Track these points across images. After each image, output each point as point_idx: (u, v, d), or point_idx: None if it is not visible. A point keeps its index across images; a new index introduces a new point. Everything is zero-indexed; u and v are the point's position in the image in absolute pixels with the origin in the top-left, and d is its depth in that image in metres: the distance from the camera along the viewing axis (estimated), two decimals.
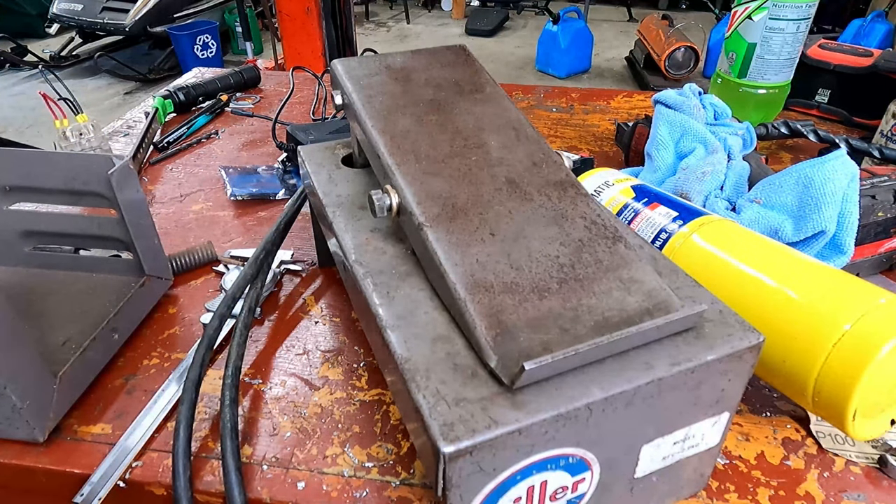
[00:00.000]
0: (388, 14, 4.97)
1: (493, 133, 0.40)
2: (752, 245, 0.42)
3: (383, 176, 0.38)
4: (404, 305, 0.33)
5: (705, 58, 3.11)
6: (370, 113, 0.41)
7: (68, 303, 0.50)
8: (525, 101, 0.99)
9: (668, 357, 0.29)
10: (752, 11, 0.75)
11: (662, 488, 0.35)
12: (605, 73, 3.60)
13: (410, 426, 0.31)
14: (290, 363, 0.47)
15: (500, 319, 0.29)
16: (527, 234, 0.33)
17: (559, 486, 0.29)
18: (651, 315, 0.30)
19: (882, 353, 0.32)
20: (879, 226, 0.52)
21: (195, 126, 0.88)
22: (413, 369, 0.29)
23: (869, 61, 0.83)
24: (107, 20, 3.32)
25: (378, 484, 0.37)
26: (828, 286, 0.37)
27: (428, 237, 0.33)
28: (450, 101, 0.42)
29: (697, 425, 0.32)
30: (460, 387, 0.28)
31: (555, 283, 0.31)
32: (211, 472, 0.38)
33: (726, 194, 0.56)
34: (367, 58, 0.46)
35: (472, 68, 0.46)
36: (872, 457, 0.39)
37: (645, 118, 0.71)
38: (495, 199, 0.35)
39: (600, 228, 0.34)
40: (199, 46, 3.36)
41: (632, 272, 0.32)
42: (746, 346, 0.30)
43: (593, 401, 0.27)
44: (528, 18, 4.72)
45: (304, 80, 1.06)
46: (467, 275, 0.31)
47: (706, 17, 3.78)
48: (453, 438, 0.25)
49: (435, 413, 0.26)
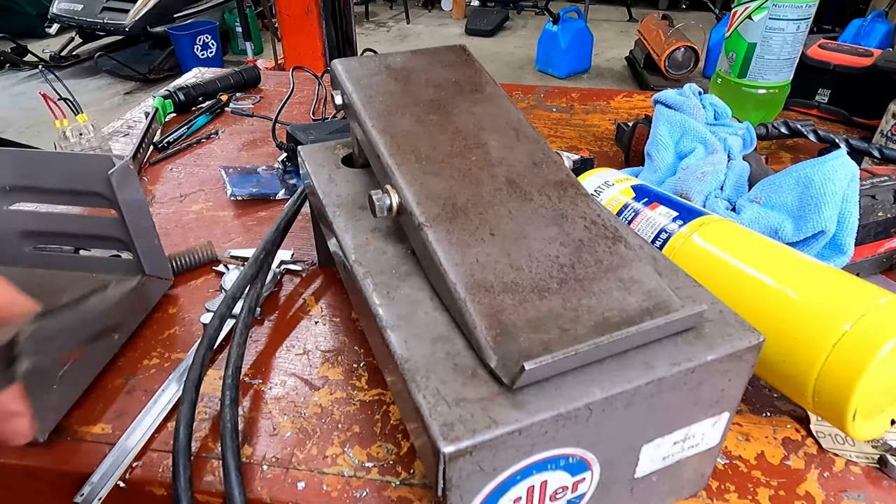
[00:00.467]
0: (388, 14, 4.97)
1: (493, 133, 0.40)
2: (752, 245, 0.42)
3: (383, 176, 0.38)
4: (404, 305, 0.33)
5: (705, 58, 3.11)
6: (370, 113, 0.41)
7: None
8: (525, 101, 0.98)
9: (668, 357, 0.29)
10: (752, 11, 0.75)
11: (662, 488, 0.35)
12: (605, 73, 3.60)
13: (410, 426, 0.31)
14: (290, 363, 0.47)
15: (500, 319, 0.29)
16: (527, 234, 0.33)
17: (559, 486, 0.29)
18: (651, 315, 0.30)
19: (882, 353, 0.32)
20: (879, 226, 0.52)
21: (195, 126, 0.88)
22: (413, 369, 0.29)
23: (869, 61, 0.83)
24: (107, 20, 3.32)
25: (378, 484, 0.37)
26: (828, 286, 0.37)
27: (428, 237, 0.33)
28: (450, 101, 0.42)
29: (697, 425, 0.32)
30: (460, 387, 0.28)
31: (555, 283, 0.31)
32: (211, 472, 0.38)
33: (726, 194, 0.56)
34: (367, 58, 0.46)
35: (472, 68, 0.46)
36: (872, 457, 0.39)
37: (645, 118, 0.71)
38: (495, 199, 0.35)
39: (600, 228, 0.34)
40: (199, 46, 3.36)
41: (632, 272, 0.32)
42: (746, 346, 0.30)
43: (593, 401, 0.27)
44: (528, 18, 4.72)
45: (304, 80, 1.06)
46: (467, 275, 0.31)
47: (706, 17, 3.78)
48: (453, 438, 0.25)
49: (435, 413, 0.26)
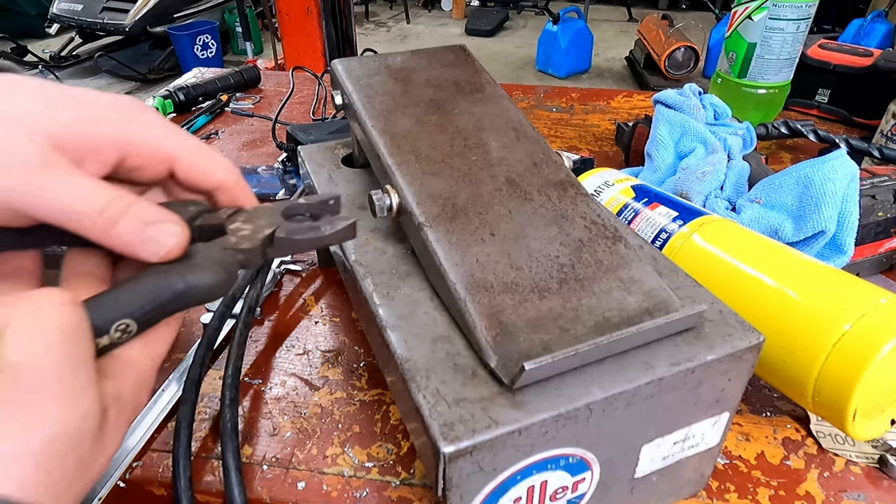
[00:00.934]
0: (388, 14, 4.97)
1: (493, 133, 0.40)
2: (752, 245, 0.42)
3: (383, 176, 0.38)
4: (404, 305, 0.33)
5: (705, 58, 3.11)
6: (370, 113, 0.41)
7: None
8: (525, 101, 0.99)
9: (668, 357, 0.29)
10: (752, 11, 0.75)
11: (662, 488, 0.35)
12: (605, 73, 3.60)
13: (410, 426, 0.31)
14: (290, 363, 0.47)
15: (500, 319, 0.29)
16: (527, 234, 0.33)
17: (559, 486, 0.29)
18: (651, 315, 0.30)
19: (882, 353, 0.32)
20: (879, 226, 0.52)
21: (195, 126, 0.88)
22: (413, 369, 0.29)
23: (869, 61, 0.83)
24: (107, 20, 3.32)
25: (378, 484, 0.37)
26: (828, 286, 0.37)
27: (428, 237, 0.33)
28: (450, 101, 0.42)
29: (697, 425, 0.32)
30: (460, 387, 0.28)
31: (555, 282, 0.31)
32: (211, 472, 0.38)
33: (726, 194, 0.56)
34: (367, 58, 0.46)
35: (472, 68, 0.46)
36: (872, 457, 0.39)
37: (645, 118, 0.71)
38: (495, 199, 0.35)
39: (600, 228, 0.34)
40: (199, 46, 3.36)
41: (632, 272, 0.32)
42: (746, 346, 0.30)
43: (593, 401, 0.27)
44: (528, 18, 4.72)
45: (304, 80, 1.06)
46: (467, 275, 0.31)
47: (706, 17, 3.78)
48: (453, 438, 0.25)
49: (435, 413, 0.26)
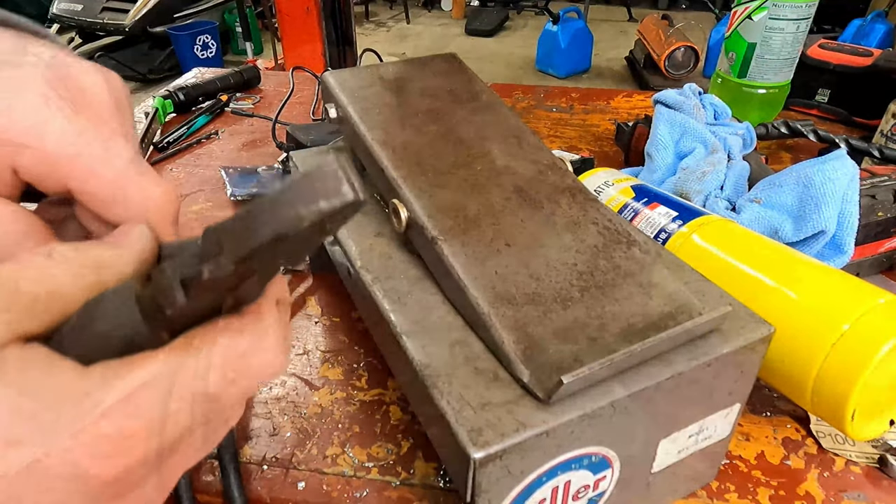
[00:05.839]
0: (388, 14, 4.96)
1: (495, 142, 0.40)
2: (751, 245, 0.42)
3: (388, 190, 0.37)
4: (417, 310, 0.32)
5: (705, 58, 3.11)
6: (369, 126, 0.40)
7: None
8: (525, 101, 0.99)
9: (686, 351, 0.29)
10: (752, 11, 0.75)
11: (676, 481, 0.35)
12: (605, 73, 3.60)
13: (431, 432, 0.31)
14: (290, 363, 0.47)
15: (527, 332, 0.28)
16: (542, 243, 0.33)
17: (581, 486, 0.30)
18: (674, 318, 0.29)
19: (881, 353, 0.32)
20: (879, 226, 0.52)
21: (195, 126, 0.88)
22: (434, 375, 0.28)
23: (869, 61, 0.83)
24: (107, 20, 3.32)
25: (378, 484, 0.37)
26: (827, 286, 0.37)
27: (444, 251, 0.32)
28: (447, 110, 0.42)
29: (711, 417, 0.32)
30: (484, 390, 0.27)
31: (576, 291, 0.30)
32: (211, 472, 0.38)
33: (726, 194, 0.56)
34: (359, 69, 0.46)
35: (465, 76, 0.46)
36: (872, 457, 0.39)
37: (645, 118, 0.71)
38: (506, 208, 0.35)
39: (613, 233, 0.34)
40: (199, 46, 3.36)
41: (650, 276, 0.32)
42: (759, 337, 0.30)
43: (617, 398, 0.27)
44: (528, 18, 4.72)
45: (304, 80, 1.06)
46: (488, 288, 0.30)
47: (706, 17, 3.78)
48: (482, 444, 0.25)
49: (461, 419, 0.26)
